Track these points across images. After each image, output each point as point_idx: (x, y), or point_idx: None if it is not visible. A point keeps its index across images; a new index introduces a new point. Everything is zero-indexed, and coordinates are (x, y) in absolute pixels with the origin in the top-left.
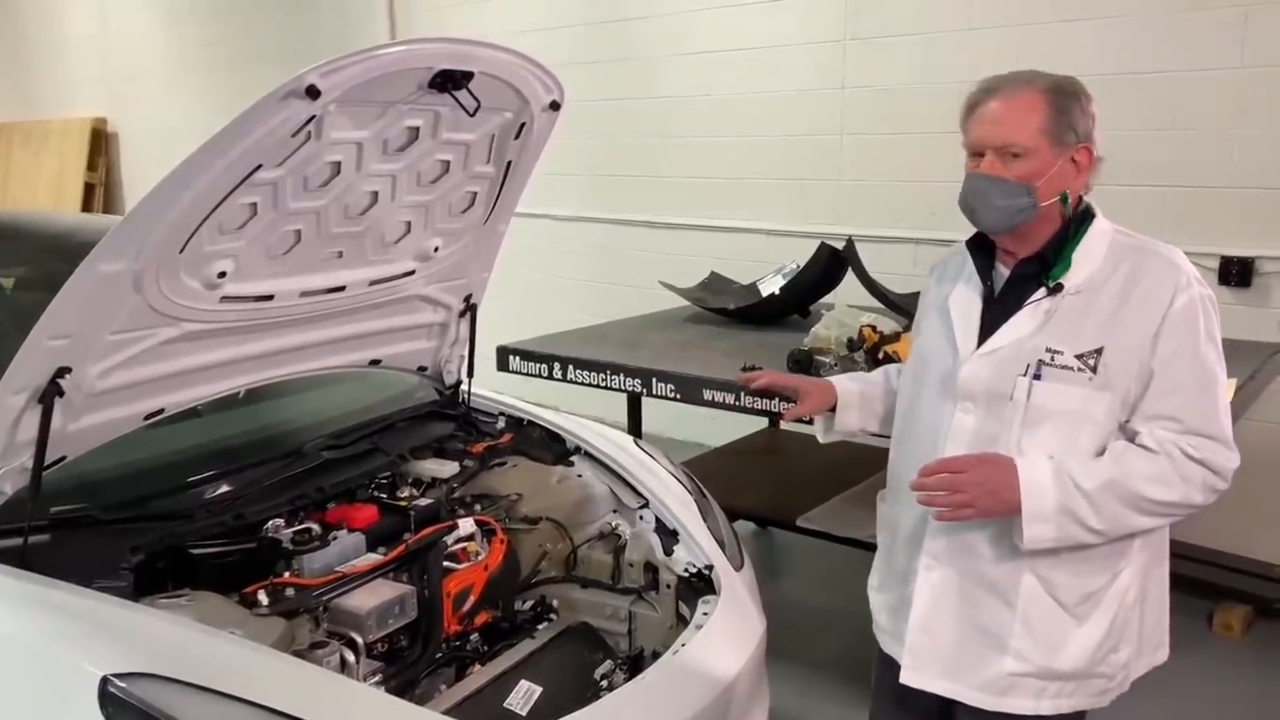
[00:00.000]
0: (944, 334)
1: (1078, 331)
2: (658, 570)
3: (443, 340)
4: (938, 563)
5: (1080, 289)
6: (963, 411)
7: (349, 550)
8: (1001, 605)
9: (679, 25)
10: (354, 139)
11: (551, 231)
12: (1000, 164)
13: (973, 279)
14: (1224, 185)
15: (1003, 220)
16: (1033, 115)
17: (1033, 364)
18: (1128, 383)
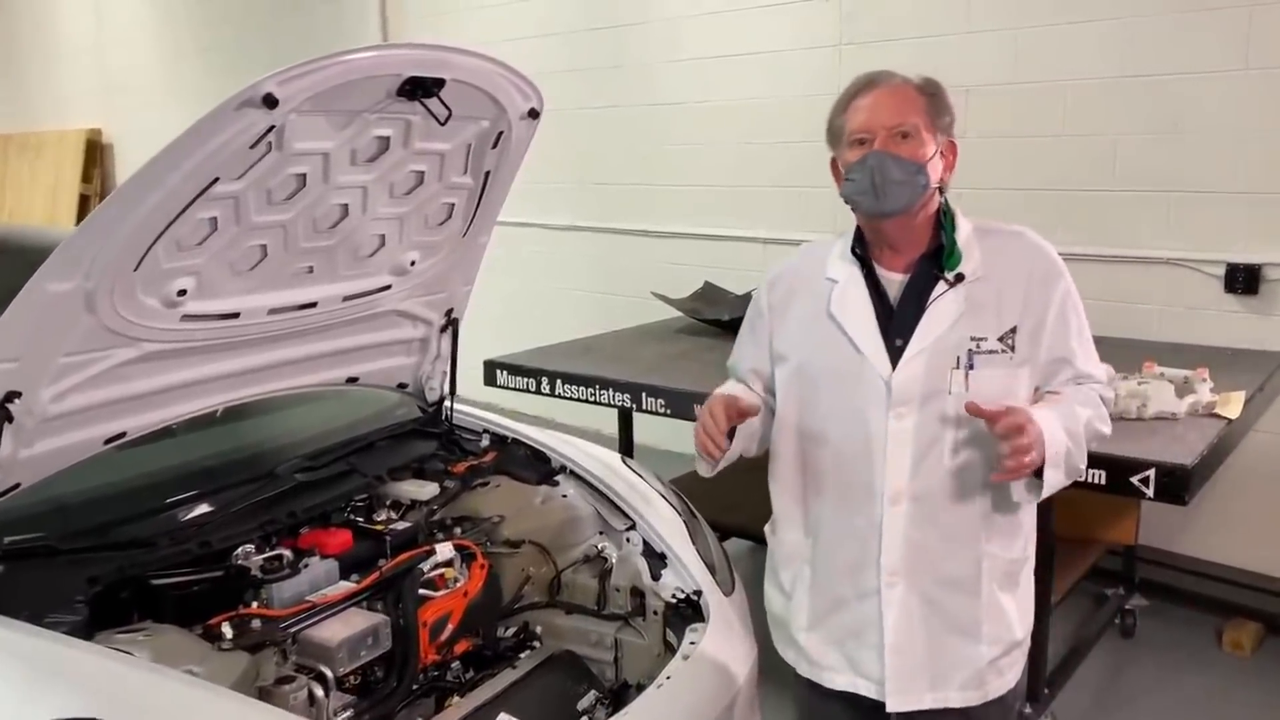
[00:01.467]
0: (842, 344)
1: (993, 315)
2: (645, 596)
3: (423, 356)
4: (899, 576)
5: (977, 275)
6: (897, 418)
7: (321, 578)
8: (966, 596)
9: (673, 31)
10: (319, 149)
11: (545, 241)
12: (893, 144)
13: (853, 286)
14: (1229, 190)
15: (905, 196)
16: (915, 101)
17: (963, 355)
18: (1036, 356)
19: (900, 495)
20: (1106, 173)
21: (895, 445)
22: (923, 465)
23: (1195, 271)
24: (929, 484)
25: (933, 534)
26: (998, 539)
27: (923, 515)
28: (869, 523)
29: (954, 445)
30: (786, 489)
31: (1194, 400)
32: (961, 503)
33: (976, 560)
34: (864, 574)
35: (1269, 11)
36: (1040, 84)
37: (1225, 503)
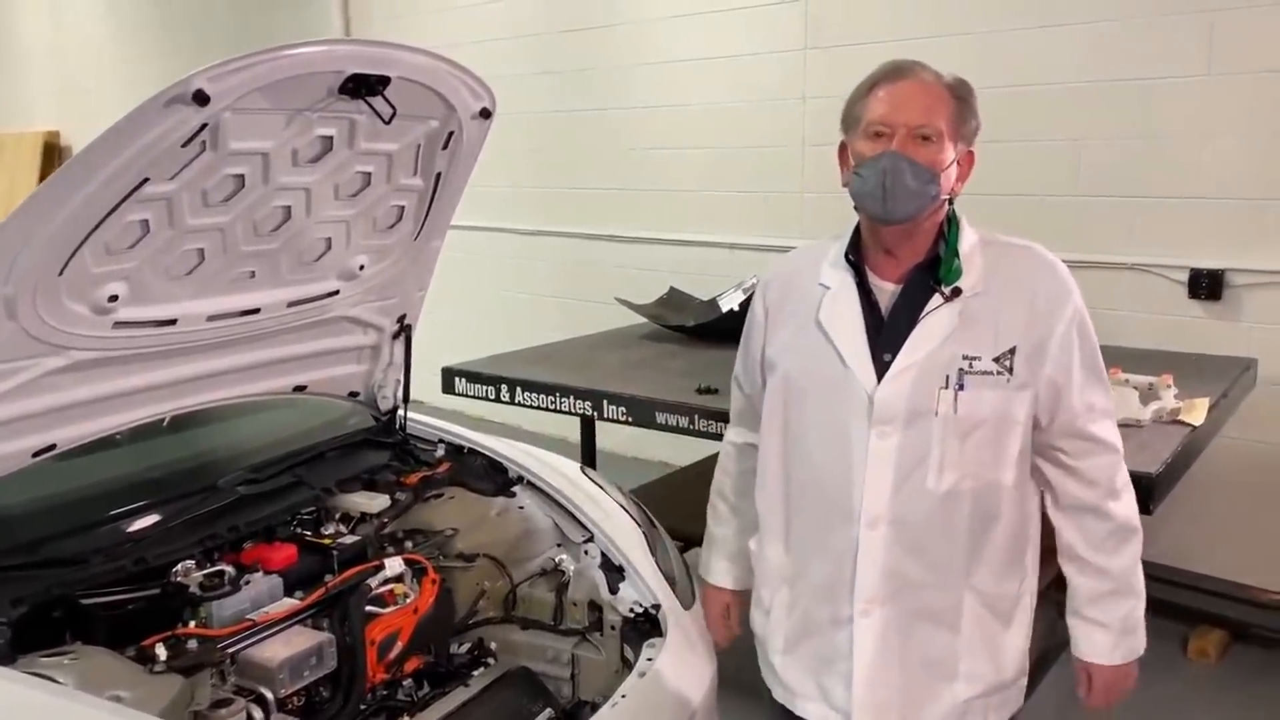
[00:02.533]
0: (828, 355)
1: (989, 334)
2: (602, 610)
3: (375, 364)
4: (875, 605)
5: (977, 291)
6: (880, 436)
7: (263, 595)
8: (945, 631)
9: (640, 35)
10: (258, 149)
11: (511, 246)
12: (912, 145)
13: (844, 293)
14: (1193, 196)
15: (913, 206)
16: (944, 103)
17: (953, 374)
18: (1038, 381)
19: (879, 519)
20: (1071, 178)
21: (876, 465)
22: (904, 488)
23: (1160, 277)
24: (910, 509)
25: (912, 562)
26: (987, 573)
27: (903, 541)
28: (846, 545)
29: (939, 469)
30: (771, 502)
31: (1159, 407)
32: (945, 531)
33: (959, 593)
34: (839, 599)
35: (1230, 18)
36: (1006, 89)
37: (1190, 510)
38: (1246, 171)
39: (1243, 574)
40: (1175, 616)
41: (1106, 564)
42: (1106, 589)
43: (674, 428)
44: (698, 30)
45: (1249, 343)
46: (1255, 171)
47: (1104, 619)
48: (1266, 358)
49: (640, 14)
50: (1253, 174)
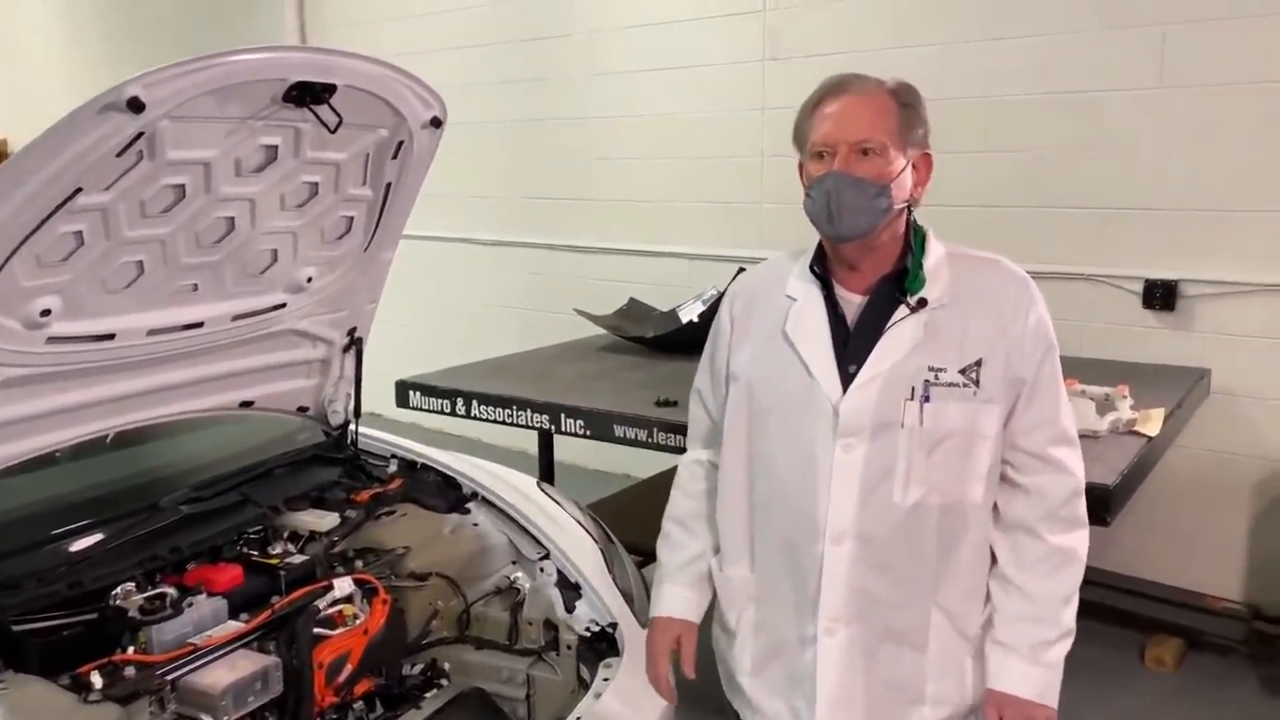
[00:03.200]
0: (794, 367)
1: (955, 346)
2: (558, 629)
3: (325, 378)
4: (840, 624)
5: (943, 302)
6: (845, 449)
7: (207, 618)
8: (912, 652)
9: (599, 45)
10: (199, 158)
11: (470, 257)
12: (855, 161)
13: (810, 305)
14: (1146, 207)
15: (863, 223)
16: (885, 113)
17: (918, 386)
18: (1004, 394)
19: (844, 534)
20: (1027, 189)
21: (841, 478)
22: (870, 502)
23: (1114, 288)
24: (877, 524)
25: (879, 580)
26: (955, 592)
27: (869, 558)
28: (811, 562)
29: (905, 482)
30: (733, 520)
31: (1115, 418)
32: (912, 547)
33: (926, 612)
34: (805, 618)
35: (1181, 31)
36: (962, 100)
37: (1146, 519)
38: (1199, 183)
39: (1198, 582)
40: (1132, 626)
41: (1030, 586)
42: (1025, 612)
43: (633, 441)
44: (657, 40)
45: (1202, 353)
46: (1207, 183)
47: (1016, 643)
48: (1219, 368)
49: (599, 24)
50: (1205, 186)
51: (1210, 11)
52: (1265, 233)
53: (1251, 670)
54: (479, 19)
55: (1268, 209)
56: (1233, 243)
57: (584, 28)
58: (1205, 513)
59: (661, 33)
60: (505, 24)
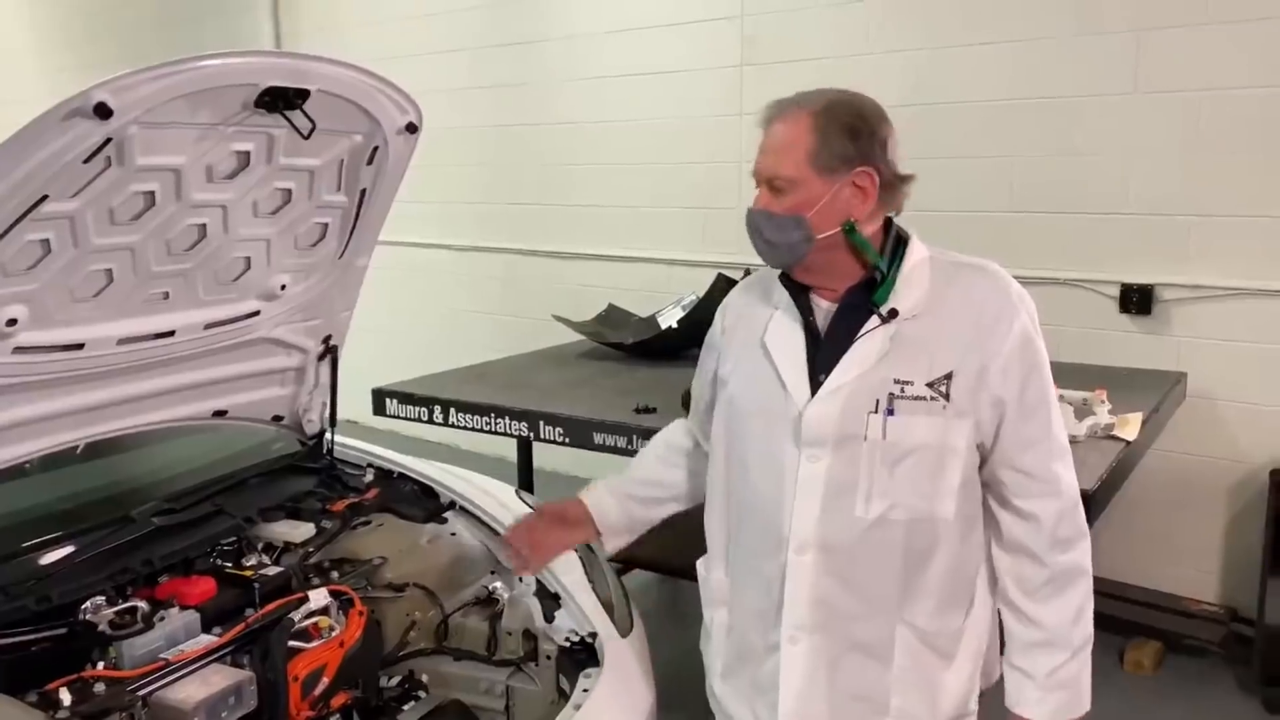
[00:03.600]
0: (769, 376)
1: (924, 358)
2: (538, 639)
3: (300, 386)
4: (803, 633)
5: (915, 313)
6: (810, 460)
7: (179, 632)
8: (876, 665)
9: (577, 49)
10: (169, 165)
11: (447, 262)
12: (770, 196)
13: (788, 314)
14: (1122, 212)
15: (779, 257)
16: (798, 144)
17: (883, 398)
18: (980, 408)
19: (807, 544)
20: (1004, 194)
21: (805, 489)
22: (833, 514)
23: (1091, 292)
24: (838, 535)
25: (841, 591)
26: (925, 608)
27: (831, 569)
28: (776, 570)
29: (867, 496)
30: (715, 524)
31: (1093, 422)
32: (876, 561)
33: (891, 626)
34: (770, 625)
35: (1154, 37)
36: (939, 106)
37: (1124, 523)
38: (1174, 188)
39: (1176, 585)
40: (1111, 629)
41: (1037, 613)
42: (1036, 639)
43: (613, 448)
44: (634, 46)
45: (1178, 356)
46: (1182, 188)
47: (1030, 669)
48: (1195, 371)
49: (575, 29)
50: (1180, 191)
51: (1184, 18)
52: (1239, 237)
53: (1229, 672)
54: (455, 24)
55: (1241, 213)
56: (1208, 247)
57: (560, 33)
58: (1182, 516)
59: (638, 38)
60: (482, 29)
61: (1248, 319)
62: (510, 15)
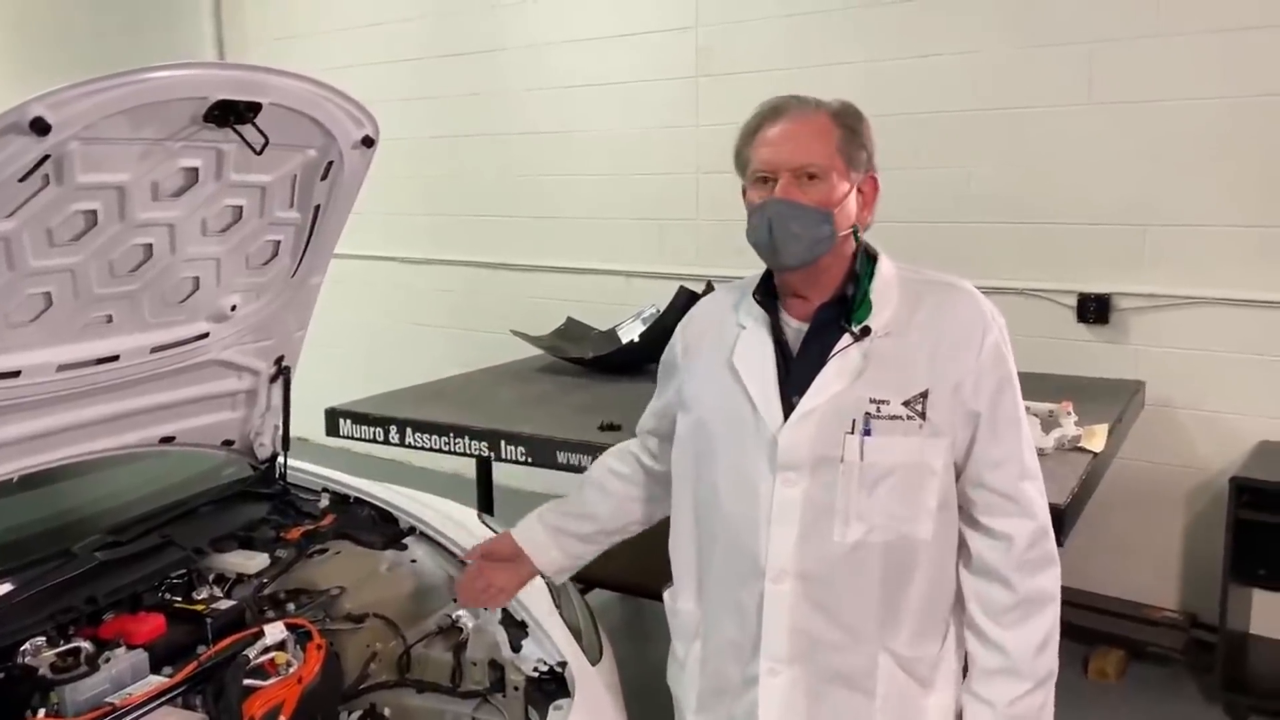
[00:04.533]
0: (738, 397)
1: (899, 376)
2: (504, 669)
3: (251, 410)
4: (782, 665)
5: (889, 330)
6: (785, 484)
7: (126, 673)
8: (858, 696)
9: (530, 59)
10: (112, 182)
11: (398, 275)
12: (796, 188)
13: (756, 333)
14: (1078, 221)
15: (806, 252)
16: (827, 136)
17: (859, 419)
18: (955, 426)
19: (784, 573)
20: (960, 204)
21: (781, 514)
22: (810, 540)
23: (1049, 301)
24: (817, 562)
25: (821, 620)
26: (904, 633)
27: (810, 598)
28: (753, 600)
29: (845, 520)
30: (683, 554)
31: (1060, 435)
32: (855, 588)
33: (873, 655)
34: (749, 658)
35: (1107, 48)
36: (895, 117)
37: (1086, 532)
38: (1127, 197)
39: (1137, 593)
40: (1075, 637)
41: (1001, 638)
42: (997, 665)
43: (577, 467)
44: (588, 56)
45: (1136, 365)
46: (1136, 197)
47: (990, 697)
48: (1153, 379)
49: (529, 39)
50: (1135, 200)
51: (1136, 30)
52: (1194, 245)
53: (1191, 678)
54: (408, 33)
55: (1196, 222)
56: (1163, 256)
57: (514, 42)
58: (1143, 524)
59: (593, 48)
60: (435, 39)
61: (1204, 327)
62: (463, 25)
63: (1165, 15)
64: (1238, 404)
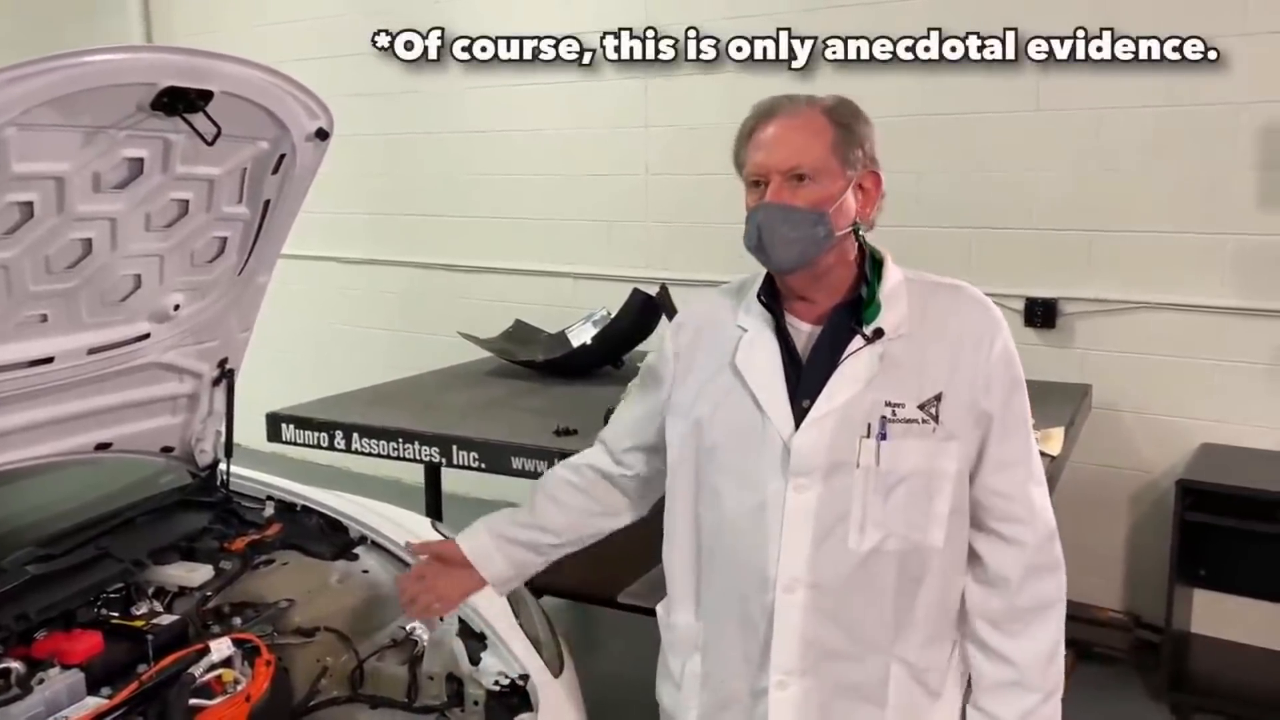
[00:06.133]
0: (744, 402)
1: (913, 379)
2: (463, 683)
3: (193, 414)
4: (793, 677)
5: (901, 332)
6: (797, 490)
7: (62, 695)
8: (870, 706)
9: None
10: (50, 172)
11: (340, 276)
12: (788, 190)
13: (760, 335)
14: (1025, 227)
15: (799, 255)
16: (820, 135)
17: (874, 422)
18: (967, 429)
19: (796, 582)
20: (908, 209)
21: (793, 522)
22: (824, 548)
23: (998, 306)
24: (831, 571)
25: (834, 630)
26: (914, 642)
27: (822, 607)
28: (761, 611)
29: (861, 527)
30: (680, 565)
31: None
32: (868, 596)
33: (885, 665)
34: (756, 669)
35: (1054, 59)
36: None
37: None
38: (1073, 204)
39: (1083, 594)
40: None
41: (1009, 649)
42: (1006, 678)
43: (531, 473)
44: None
45: (1082, 369)
46: (1081, 204)
47: (999, 712)
48: (1099, 383)
49: (474, 34)
50: (1079, 207)
51: (1080, 34)
52: (1138, 251)
53: (1137, 678)
54: (345, 27)
55: (1139, 228)
56: (1108, 261)
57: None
58: (1089, 526)
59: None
60: (370, 31)
61: (1148, 331)
62: (402, 19)
63: (1106, 24)
64: (1181, 407)
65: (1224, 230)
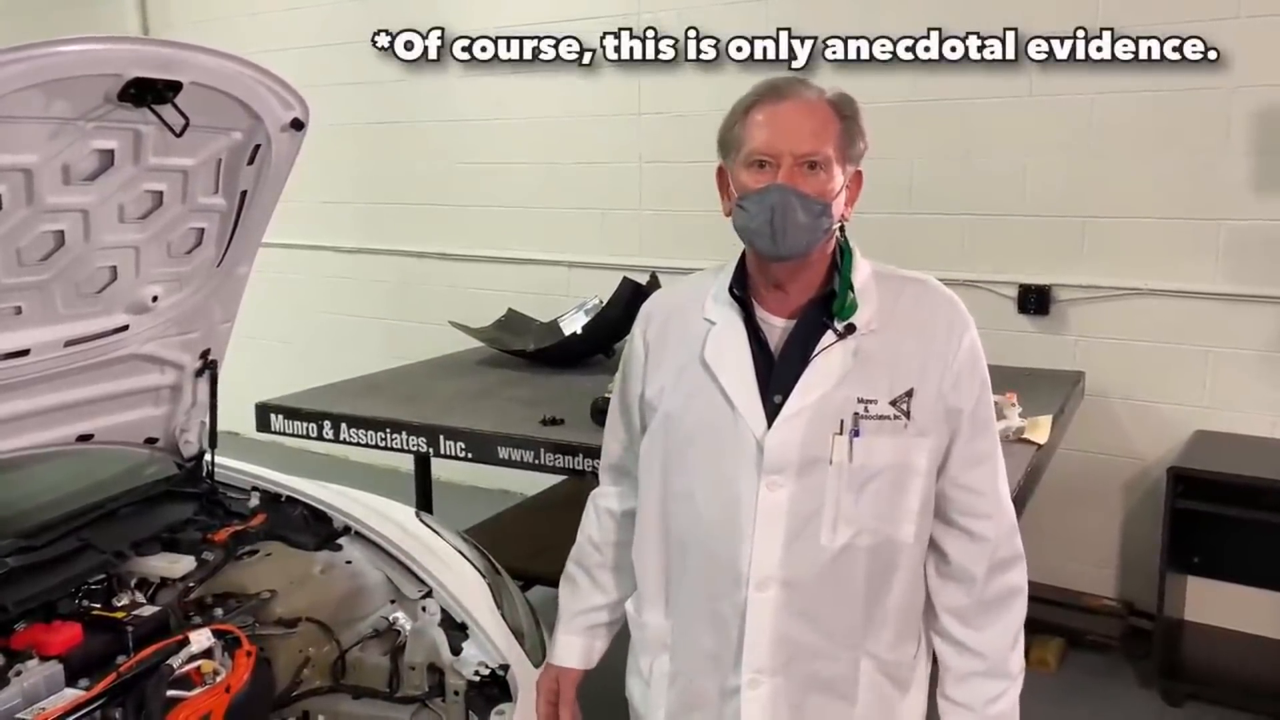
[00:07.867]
0: (713, 397)
1: (885, 375)
2: (444, 673)
3: (176, 406)
4: (764, 675)
5: (872, 327)
6: (770, 487)
7: (40, 687)
8: (841, 704)
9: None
10: (18, 164)
11: (332, 265)
12: (800, 175)
13: (729, 329)
14: (1019, 214)
15: (806, 243)
16: (831, 126)
17: (848, 419)
18: (938, 424)
19: (769, 580)
20: (903, 197)
21: (766, 520)
22: (796, 545)
23: (990, 293)
24: (804, 569)
25: (805, 628)
26: (884, 638)
27: (794, 605)
28: (733, 609)
29: (833, 524)
30: (649, 563)
31: (1005, 426)
32: (840, 593)
33: (855, 661)
34: (727, 669)
35: (1043, 44)
36: None
37: (1027, 522)
38: (1066, 190)
39: (1075, 581)
40: None
41: (975, 640)
42: (975, 668)
43: (518, 463)
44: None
45: (1074, 356)
46: (1074, 190)
47: (968, 701)
48: (1092, 370)
49: (467, 26)
50: (1072, 193)
51: (1072, 25)
52: (1131, 237)
53: (1128, 665)
54: (339, 15)
55: (1132, 215)
56: (1101, 247)
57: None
58: (1081, 513)
59: (536, 32)
60: (365, 21)
61: (1142, 318)
62: (395, 7)
63: (1102, 13)
64: (1173, 394)
65: (1217, 216)
